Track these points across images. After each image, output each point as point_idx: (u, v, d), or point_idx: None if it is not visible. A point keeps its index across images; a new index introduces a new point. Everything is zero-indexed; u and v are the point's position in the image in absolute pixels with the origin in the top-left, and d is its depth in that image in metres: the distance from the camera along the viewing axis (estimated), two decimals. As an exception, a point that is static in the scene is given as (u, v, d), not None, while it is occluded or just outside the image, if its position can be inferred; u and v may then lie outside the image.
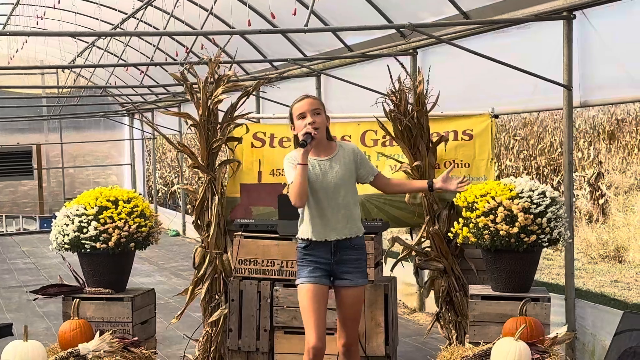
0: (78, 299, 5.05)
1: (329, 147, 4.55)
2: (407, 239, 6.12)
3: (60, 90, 16.41)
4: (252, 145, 6.25)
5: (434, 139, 5.76)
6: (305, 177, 4.35)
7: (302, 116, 4.44)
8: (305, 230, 4.52)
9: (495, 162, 5.90)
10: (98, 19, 12.14)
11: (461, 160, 5.84)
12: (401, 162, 5.80)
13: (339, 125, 6.27)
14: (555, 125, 17.86)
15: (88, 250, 5.08)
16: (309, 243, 4.50)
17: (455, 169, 5.81)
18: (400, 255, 5.88)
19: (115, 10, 11.48)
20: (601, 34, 5.71)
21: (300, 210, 4.56)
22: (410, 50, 7.84)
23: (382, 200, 5.91)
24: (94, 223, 5.05)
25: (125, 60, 12.60)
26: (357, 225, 4.55)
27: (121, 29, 11.74)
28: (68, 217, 5.14)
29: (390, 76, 5.62)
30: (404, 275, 7.16)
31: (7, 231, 17.65)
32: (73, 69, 16.32)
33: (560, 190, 12.29)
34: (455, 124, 5.95)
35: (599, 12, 5.70)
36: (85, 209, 5.13)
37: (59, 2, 11.63)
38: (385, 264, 5.93)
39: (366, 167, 4.61)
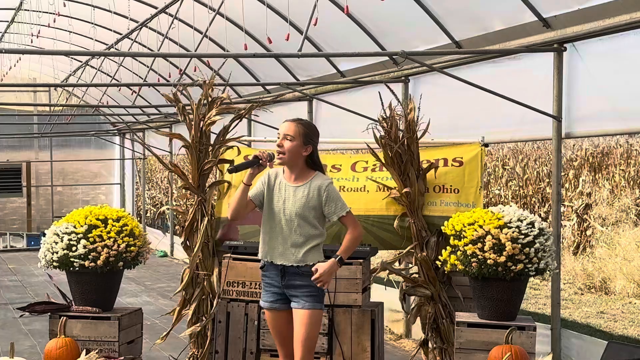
0: (65, 317, 5.05)
1: (303, 174, 4.53)
2: (394, 264, 6.13)
3: (52, 108, 16.42)
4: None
5: (424, 166, 5.80)
6: (244, 197, 4.47)
7: (278, 137, 4.53)
8: (260, 248, 4.61)
9: (482, 190, 5.94)
10: (93, 39, 12.19)
11: (450, 186, 5.87)
12: (390, 188, 5.83)
13: (330, 157, 6.33)
14: (544, 155, 17.97)
15: (77, 269, 5.08)
16: (264, 264, 4.59)
17: (444, 194, 5.85)
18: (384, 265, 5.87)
19: (110, 30, 11.54)
20: (589, 67, 5.80)
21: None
22: (402, 78, 7.91)
23: (370, 222, 5.93)
24: (83, 241, 5.06)
25: (118, 80, 12.64)
26: (307, 256, 4.46)
27: (115, 49, 11.80)
28: (57, 234, 5.14)
29: (382, 103, 5.67)
30: (391, 301, 7.18)
31: (-7, 248, 17.57)
32: (66, 88, 16.36)
33: (548, 221, 12.35)
34: (445, 151, 6.00)
35: (589, 45, 5.78)
36: (74, 227, 5.14)
37: (54, 21, 11.69)
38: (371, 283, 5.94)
39: (330, 206, 4.47)
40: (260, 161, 4.46)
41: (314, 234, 4.47)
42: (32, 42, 13.41)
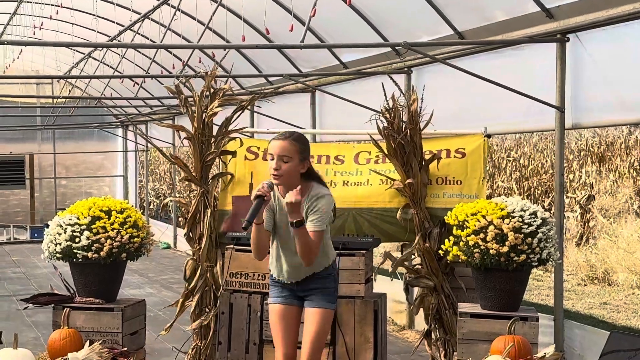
0: (68, 309, 5.05)
1: (300, 190, 4.27)
2: (398, 256, 6.14)
3: (55, 100, 16.43)
4: (245, 158, 6.27)
5: (427, 157, 5.79)
6: (261, 236, 4.29)
7: (272, 157, 4.28)
8: (270, 264, 4.55)
9: (486, 181, 5.93)
10: (95, 31, 12.18)
11: (453, 177, 5.87)
12: (393, 180, 5.83)
13: (334, 147, 6.33)
14: (548, 146, 17.96)
15: (80, 260, 5.08)
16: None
17: (447, 185, 5.85)
18: (395, 265, 5.87)
19: (113, 22, 11.54)
20: (594, 57, 5.78)
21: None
22: (405, 69, 7.90)
23: (374, 215, 5.93)
24: (86, 233, 5.06)
25: (120, 72, 12.64)
26: (317, 265, 4.37)
27: (118, 40, 11.79)
28: (61, 226, 5.15)
29: (385, 94, 5.67)
30: (394, 292, 7.19)
31: (-3, 240, 17.60)
32: (68, 80, 16.36)
33: (551, 212, 12.34)
34: (448, 142, 5.99)
35: (592, 36, 5.77)
36: (78, 218, 5.14)
37: (56, 13, 11.68)
38: (375, 280, 5.95)
39: (309, 216, 4.26)
40: (265, 197, 4.18)
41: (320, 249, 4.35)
42: (34, 34, 13.40)
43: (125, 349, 5.04)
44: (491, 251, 4.66)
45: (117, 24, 11.47)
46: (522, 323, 4.67)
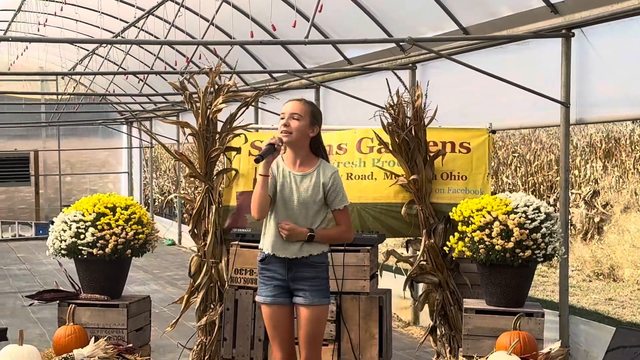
0: (73, 305, 5.06)
1: (308, 160, 4.36)
2: (402, 253, 6.13)
3: (60, 97, 16.44)
4: (250, 154, 6.27)
5: (431, 149, 5.77)
6: (265, 190, 4.22)
7: (282, 117, 4.32)
8: (262, 241, 4.39)
9: (491, 177, 5.92)
10: (99, 27, 12.18)
11: (458, 172, 5.85)
12: (397, 175, 5.82)
13: (336, 135, 6.29)
14: (553, 142, 17.92)
15: (85, 256, 5.09)
16: (265, 256, 4.35)
17: (452, 181, 5.84)
18: (409, 272, 5.85)
19: (117, 19, 11.53)
20: (599, 52, 5.77)
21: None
22: (410, 65, 7.89)
23: (379, 210, 5.92)
24: (91, 229, 5.06)
25: (125, 69, 12.64)
26: (312, 246, 4.30)
27: (122, 37, 11.79)
28: (66, 222, 5.15)
29: (389, 90, 5.66)
30: (399, 288, 7.18)
31: (2, 237, 17.63)
32: (73, 76, 16.36)
33: (556, 208, 12.32)
34: (452, 134, 5.97)
35: (598, 31, 5.76)
36: (83, 215, 5.14)
37: (61, 10, 11.69)
38: (381, 276, 5.94)
39: (332, 196, 4.31)
40: (276, 146, 4.22)
41: (318, 225, 4.32)
42: (39, 30, 13.40)
43: (131, 345, 5.04)
44: (496, 247, 4.65)
45: (121, 20, 11.47)
46: (527, 319, 4.66)
